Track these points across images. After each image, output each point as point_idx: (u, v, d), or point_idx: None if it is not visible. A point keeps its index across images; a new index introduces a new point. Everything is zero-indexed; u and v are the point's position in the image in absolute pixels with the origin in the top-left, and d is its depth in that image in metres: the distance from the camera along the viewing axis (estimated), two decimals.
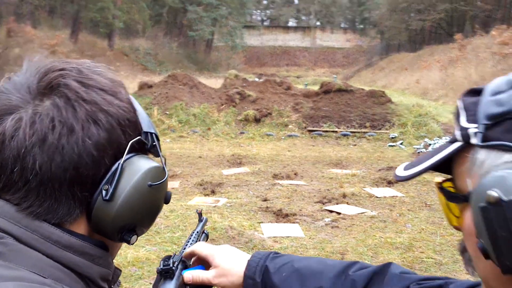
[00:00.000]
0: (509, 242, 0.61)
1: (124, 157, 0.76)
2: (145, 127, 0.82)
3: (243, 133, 13.24)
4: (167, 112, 13.90)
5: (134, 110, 0.81)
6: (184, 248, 1.11)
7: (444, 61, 30.24)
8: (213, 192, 7.52)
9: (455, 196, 0.74)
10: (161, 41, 45.61)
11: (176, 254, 1.05)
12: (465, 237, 0.73)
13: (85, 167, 0.72)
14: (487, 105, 0.67)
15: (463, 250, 0.76)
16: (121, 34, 40.15)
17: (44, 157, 0.70)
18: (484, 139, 0.66)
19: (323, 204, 6.97)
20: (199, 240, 1.17)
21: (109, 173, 0.74)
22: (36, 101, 0.72)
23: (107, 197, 0.73)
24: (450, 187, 0.76)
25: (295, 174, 8.94)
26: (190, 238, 1.17)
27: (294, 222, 6.11)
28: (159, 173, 0.80)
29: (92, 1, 34.24)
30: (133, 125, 0.79)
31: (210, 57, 56.53)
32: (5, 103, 0.72)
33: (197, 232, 1.20)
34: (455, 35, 34.36)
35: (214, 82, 21.99)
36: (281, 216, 6.34)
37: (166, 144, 12.01)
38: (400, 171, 0.81)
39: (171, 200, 0.86)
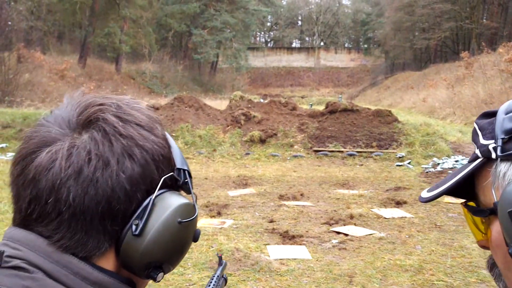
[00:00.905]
0: None
1: (156, 192, 0.76)
2: (178, 164, 0.82)
3: (249, 154, 13.18)
4: (173, 134, 13.88)
5: (168, 146, 0.82)
6: None
7: (450, 79, 30.19)
8: (219, 213, 7.44)
9: (481, 210, 0.77)
10: (167, 64, 46.03)
11: None
12: (493, 251, 0.76)
13: (117, 201, 0.73)
14: (503, 122, 0.73)
15: (492, 266, 0.79)
16: (128, 58, 40.58)
17: (78, 190, 0.71)
18: (503, 151, 0.71)
19: (330, 225, 6.86)
20: (219, 285, 1.16)
21: (140, 208, 0.75)
22: (74, 134, 0.74)
23: (137, 232, 0.74)
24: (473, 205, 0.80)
25: (301, 195, 8.85)
26: (210, 283, 1.15)
27: (301, 244, 6.01)
28: (190, 210, 0.81)
29: (100, 27, 34.69)
30: (167, 161, 0.80)
31: (215, 79, 56.93)
32: (45, 135, 0.75)
33: (217, 276, 1.19)
34: (461, 53, 34.37)
35: (219, 104, 22.04)
36: (288, 237, 6.24)
37: None
38: (424, 194, 0.86)
39: None
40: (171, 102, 15.79)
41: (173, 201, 0.78)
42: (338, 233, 6.49)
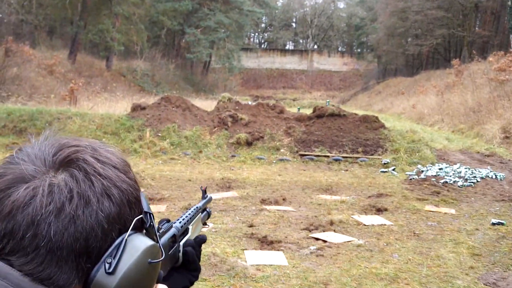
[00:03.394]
0: None
1: (129, 232, 0.79)
2: (145, 207, 0.85)
3: (235, 156, 13.15)
4: (160, 134, 13.84)
5: (139, 190, 0.86)
6: (179, 220, 1.13)
7: (440, 86, 30.41)
8: None
9: None
10: (159, 62, 45.87)
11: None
12: None
13: (94, 238, 0.75)
14: None
15: None
16: (119, 55, 40.41)
17: (59, 226, 0.72)
18: None
19: (310, 231, 6.85)
20: (198, 216, 1.20)
21: (113, 246, 0.76)
22: (51, 173, 0.76)
23: (110, 270, 0.74)
24: None
25: (283, 199, 8.82)
26: (188, 211, 1.17)
27: (278, 250, 5.99)
28: (158, 252, 0.83)
29: (92, 23, 34.47)
30: (138, 203, 0.84)
31: (207, 78, 56.88)
32: (19, 173, 0.76)
33: (197, 207, 1.22)
34: (452, 60, 34.61)
35: (210, 104, 22.01)
36: (266, 243, 6.22)
37: (157, 166, 11.92)
38: None
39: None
40: (158, 102, 15.72)
41: (144, 241, 0.80)
42: (317, 239, 6.47)
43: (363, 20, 75.05)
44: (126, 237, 0.78)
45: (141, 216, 0.83)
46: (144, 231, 0.85)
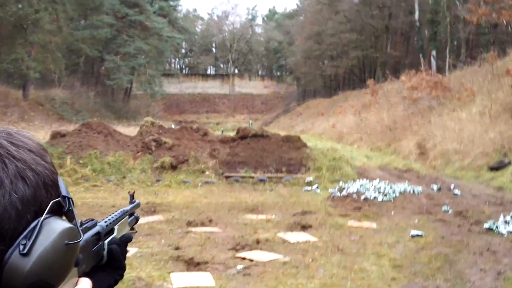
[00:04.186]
0: None
1: (45, 215, 0.77)
2: (64, 192, 0.84)
3: (159, 180, 13.01)
4: (81, 161, 13.46)
5: (56, 173, 0.85)
6: (104, 220, 1.10)
7: (357, 106, 31.49)
8: None
9: None
10: (78, 90, 44.79)
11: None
12: None
13: (8, 220, 0.73)
14: None
15: None
16: (37, 84, 39.09)
17: None
18: None
19: (237, 251, 6.87)
20: (124, 220, 1.18)
21: (28, 229, 0.75)
22: None
23: (25, 251, 0.73)
24: None
25: (209, 221, 8.81)
26: (114, 213, 1.15)
27: (205, 271, 5.96)
28: (76, 234, 0.82)
29: (5, 52, 33.25)
30: (55, 187, 0.83)
31: (129, 105, 56.10)
32: None
33: (124, 210, 1.19)
34: (367, 80, 35.97)
35: (132, 130, 21.64)
36: (193, 265, 6.18)
37: (79, 194, 11.56)
38: None
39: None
40: (78, 128, 15.33)
41: (60, 224, 0.79)
42: (244, 258, 6.49)
43: (280, 44, 76.85)
44: (42, 219, 0.77)
45: (58, 199, 0.82)
46: (63, 216, 0.85)
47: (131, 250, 6.79)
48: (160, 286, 5.30)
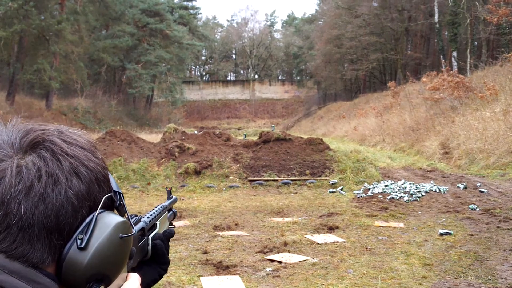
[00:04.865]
0: None
1: (99, 209, 0.81)
2: (114, 187, 0.89)
3: (184, 186, 13.06)
4: None
5: (107, 169, 0.89)
6: (146, 215, 1.15)
7: (379, 108, 31.28)
8: None
9: None
10: (100, 99, 45.33)
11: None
12: None
13: (65, 215, 0.77)
14: None
15: None
16: (59, 93, 39.71)
17: (29, 204, 0.74)
18: None
19: (264, 253, 6.86)
20: (163, 215, 1.22)
21: (84, 223, 0.79)
22: (19, 155, 0.78)
23: (82, 245, 0.77)
24: None
25: (236, 224, 8.82)
26: (154, 208, 1.19)
27: (234, 274, 5.96)
28: (129, 228, 0.86)
29: (28, 63, 33.81)
30: (107, 182, 0.87)
31: (150, 113, 56.52)
32: None
33: (163, 205, 1.24)
34: (388, 82, 35.75)
35: (155, 137, 21.82)
36: (221, 268, 6.19)
37: None
38: None
39: None
40: (102, 136, 15.49)
41: (114, 218, 0.83)
42: (272, 261, 6.48)
43: (300, 49, 76.75)
44: (96, 214, 0.80)
45: (110, 194, 0.86)
46: (115, 210, 0.88)
47: None
48: None
